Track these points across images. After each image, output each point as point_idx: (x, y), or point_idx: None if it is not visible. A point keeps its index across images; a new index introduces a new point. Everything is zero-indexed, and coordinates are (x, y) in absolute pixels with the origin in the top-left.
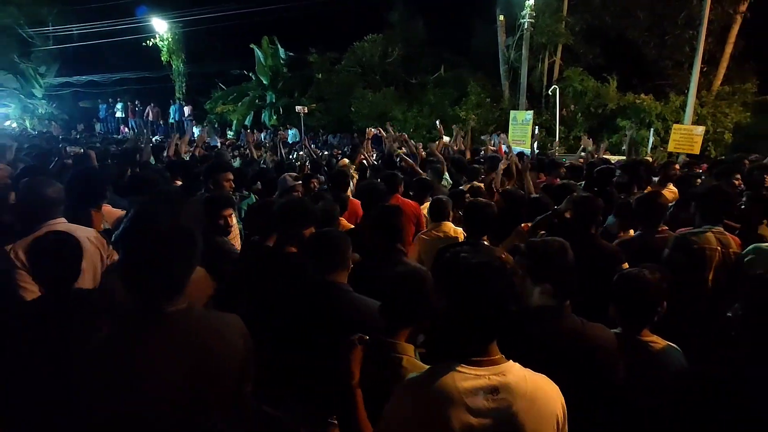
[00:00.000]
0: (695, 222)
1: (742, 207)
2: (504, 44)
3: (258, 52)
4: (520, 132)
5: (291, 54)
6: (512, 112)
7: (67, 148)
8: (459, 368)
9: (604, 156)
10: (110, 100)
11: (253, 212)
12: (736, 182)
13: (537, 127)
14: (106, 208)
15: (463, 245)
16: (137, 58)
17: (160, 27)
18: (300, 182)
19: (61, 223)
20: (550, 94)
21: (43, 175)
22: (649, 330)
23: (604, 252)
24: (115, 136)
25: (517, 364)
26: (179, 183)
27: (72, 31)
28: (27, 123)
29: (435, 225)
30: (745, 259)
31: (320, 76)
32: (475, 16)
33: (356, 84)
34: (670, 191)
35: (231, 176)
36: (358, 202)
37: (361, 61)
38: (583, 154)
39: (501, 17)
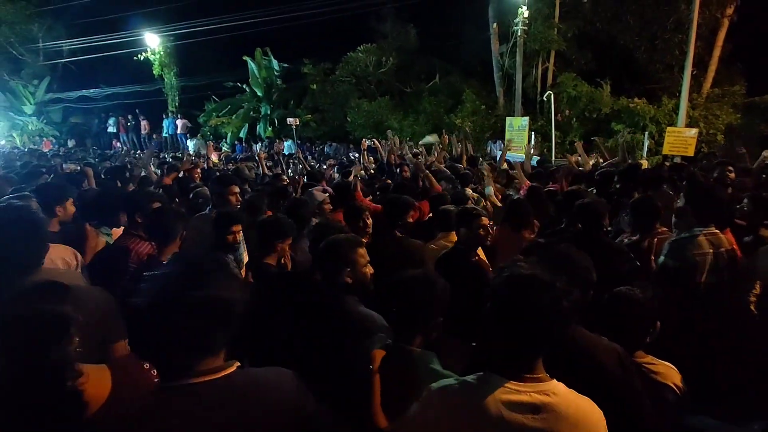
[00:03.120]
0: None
1: (744, 209)
2: (497, 51)
3: (251, 64)
4: (517, 138)
5: (285, 65)
6: (508, 119)
7: (63, 165)
8: (499, 381)
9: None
10: (102, 115)
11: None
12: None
13: (533, 133)
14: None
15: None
16: (128, 73)
17: (152, 41)
18: (327, 195)
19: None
20: (545, 99)
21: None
22: (644, 351)
23: (614, 251)
24: (107, 151)
25: (562, 384)
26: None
27: (62, 46)
28: (17, 140)
29: (443, 235)
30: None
31: (315, 86)
32: (467, 24)
33: (351, 94)
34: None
35: (237, 189)
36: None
37: (356, 71)
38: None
39: (494, 25)
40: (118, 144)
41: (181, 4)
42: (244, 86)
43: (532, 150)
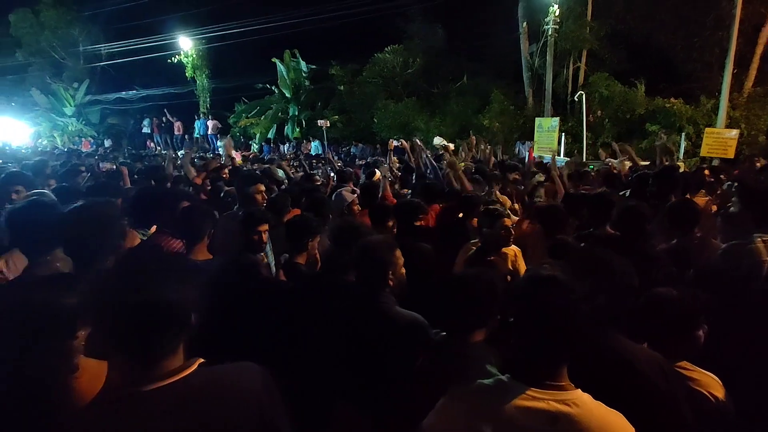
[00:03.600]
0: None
1: None
2: (527, 51)
3: (280, 66)
4: (546, 139)
5: (312, 67)
6: (537, 120)
7: (100, 164)
8: (518, 386)
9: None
10: (137, 116)
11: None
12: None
13: (563, 134)
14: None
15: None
16: (163, 75)
17: (185, 44)
18: (356, 195)
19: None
20: (576, 100)
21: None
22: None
23: (651, 257)
24: (141, 151)
25: (588, 395)
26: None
27: (101, 50)
28: (57, 140)
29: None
30: None
31: (342, 88)
32: (496, 24)
33: (378, 95)
34: (703, 198)
35: (263, 188)
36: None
37: (383, 72)
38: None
39: (524, 24)
40: (152, 144)
41: (214, 8)
42: (273, 88)
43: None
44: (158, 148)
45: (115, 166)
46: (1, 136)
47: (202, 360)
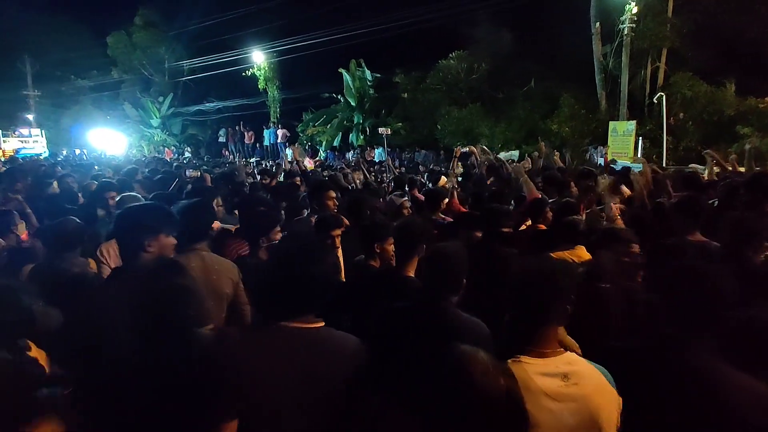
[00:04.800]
0: None
1: None
2: (600, 52)
3: (346, 76)
4: (621, 144)
5: (377, 75)
6: (612, 123)
7: (186, 171)
8: (525, 360)
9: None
10: (214, 126)
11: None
12: None
13: (640, 138)
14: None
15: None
16: (237, 88)
17: (258, 58)
18: (406, 199)
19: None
20: (655, 102)
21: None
22: None
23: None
24: (217, 159)
25: (574, 354)
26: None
27: (183, 66)
28: (144, 149)
29: (567, 248)
30: None
31: (406, 95)
32: (566, 25)
33: (441, 101)
34: None
35: (334, 194)
36: None
37: (446, 79)
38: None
39: (597, 24)
40: (227, 152)
41: (284, 23)
42: (339, 97)
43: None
44: (231, 156)
45: (199, 173)
46: (99, 145)
47: (323, 322)
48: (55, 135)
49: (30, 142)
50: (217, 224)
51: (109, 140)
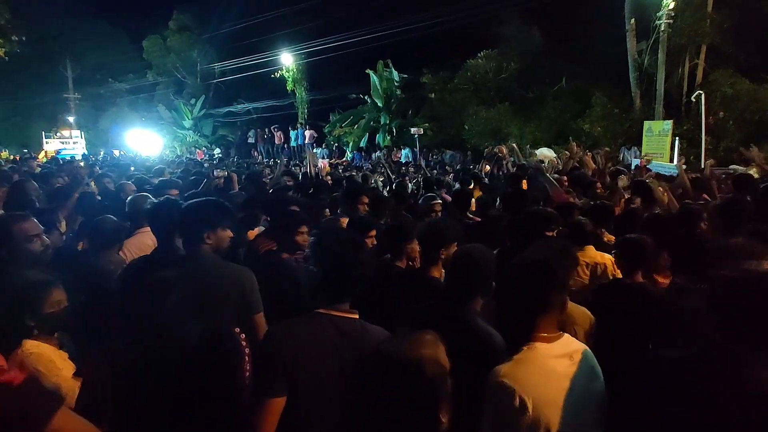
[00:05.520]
0: None
1: None
2: (635, 50)
3: (373, 76)
4: (657, 144)
5: (404, 76)
6: (647, 123)
7: (214, 171)
8: (538, 346)
9: None
10: (244, 128)
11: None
12: None
13: (677, 138)
14: None
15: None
16: (266, 89)
17: (287, 60)
18: (439, 201)
19: None
20: (693, 100)
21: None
22: None
23: None
24: (246, 160)
25: (566, 334)
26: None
27: (214, 68)
28: (177, 149)
29: (577, 249)
30: None
31: (433, 95)
32: (598, 23)
33: (469, 101)
34: None
35: (367, 199)
36: None
37: (474, 78)
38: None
39: (631, 21)
40: (256, 153)
41: (313, 25)
42: (366, 97)
43: (677, 158)
44: (260, 157)
45: (226, 173)
46: (135, 146)
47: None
48: (94, 136)
49: (70, 143)
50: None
51: (146, 141)
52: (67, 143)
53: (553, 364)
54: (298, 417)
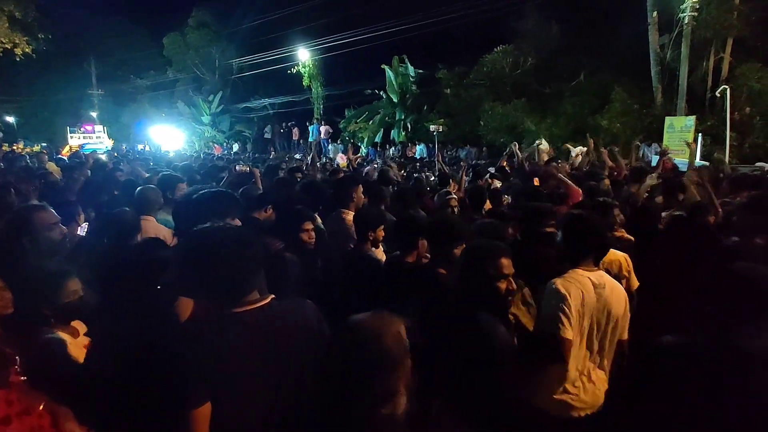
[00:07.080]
0: None
1: None
2: (657, 43)
3: (388, 72)
4: (679, 140)
5: (420, 71)
6: (668, 119)
7: (236, 166)
8: (583, 271)
9: None
10: (260, 123)
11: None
12: None
13: (700, 134)
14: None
15: None
16: (282, 85)
17: (303, 56)
18: (454, 197)
19: None
20: (718, 96)
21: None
22: None
23: None
24: (263, 155)
25: (601, 271)
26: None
27: (232, 65)
28: (196, 144)
29: None
30: None
31: (449, 91)
32: (619, 16)
33: (485, 97)
34: None
35: (387, 202)
36: None
37: (491, 74)
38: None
39: (654, 14)
40: (272, 149)
41: (329, 21)
42: (381, 93)
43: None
44: (275, 152)
45: (248, 168)
46: (158, 140)
47: (273, 296)
48: (116, 131)
49: (94, 138)
50: None
51: (168, 136)
52: (90, 138)
53: (587, 283)
54: (229, 418)
